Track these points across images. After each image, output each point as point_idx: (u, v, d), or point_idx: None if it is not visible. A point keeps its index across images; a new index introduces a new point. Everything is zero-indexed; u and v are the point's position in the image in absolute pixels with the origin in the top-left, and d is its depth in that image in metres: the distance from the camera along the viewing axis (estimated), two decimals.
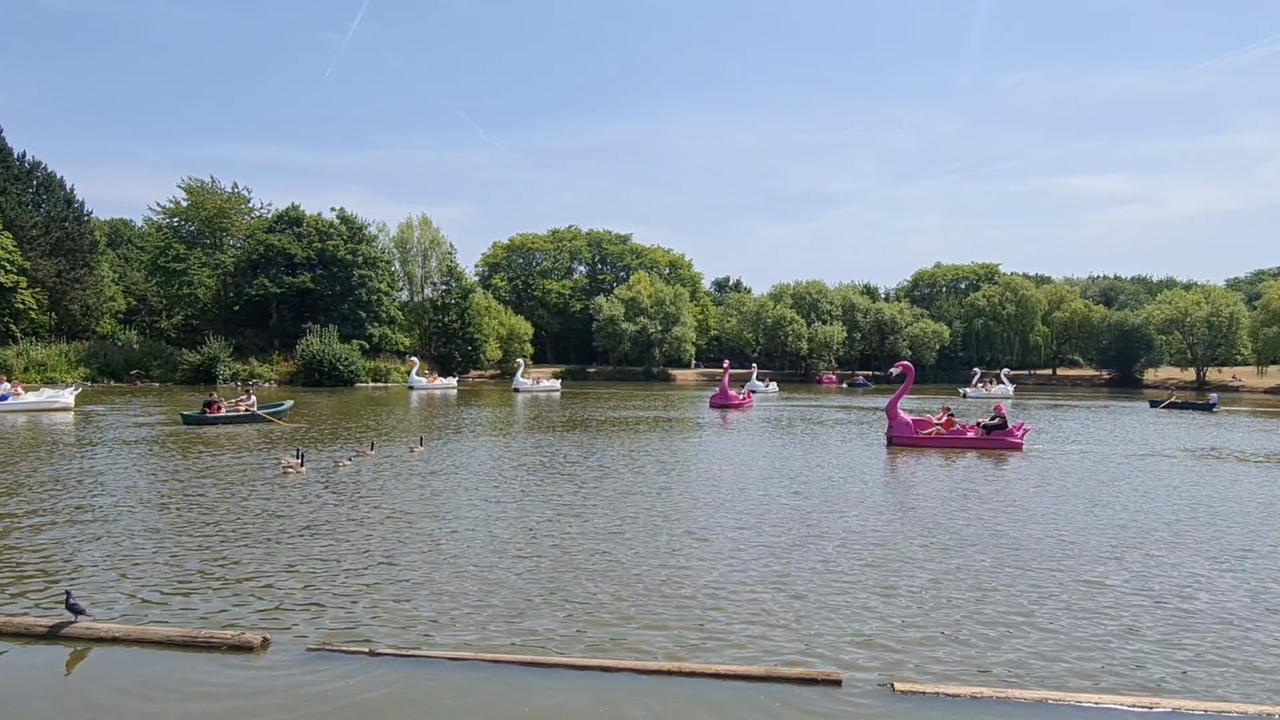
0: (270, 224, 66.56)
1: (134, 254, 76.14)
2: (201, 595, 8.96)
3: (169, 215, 67.09)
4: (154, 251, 66.76)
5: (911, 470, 19.96)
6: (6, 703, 6.43)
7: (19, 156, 60.77)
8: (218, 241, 66.80)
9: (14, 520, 12.33)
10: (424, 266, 79.18)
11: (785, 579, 9.92)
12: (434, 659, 7.23)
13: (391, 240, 77.21)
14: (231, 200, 67.86)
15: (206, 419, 27.91)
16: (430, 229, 79.18)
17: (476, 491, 15.64)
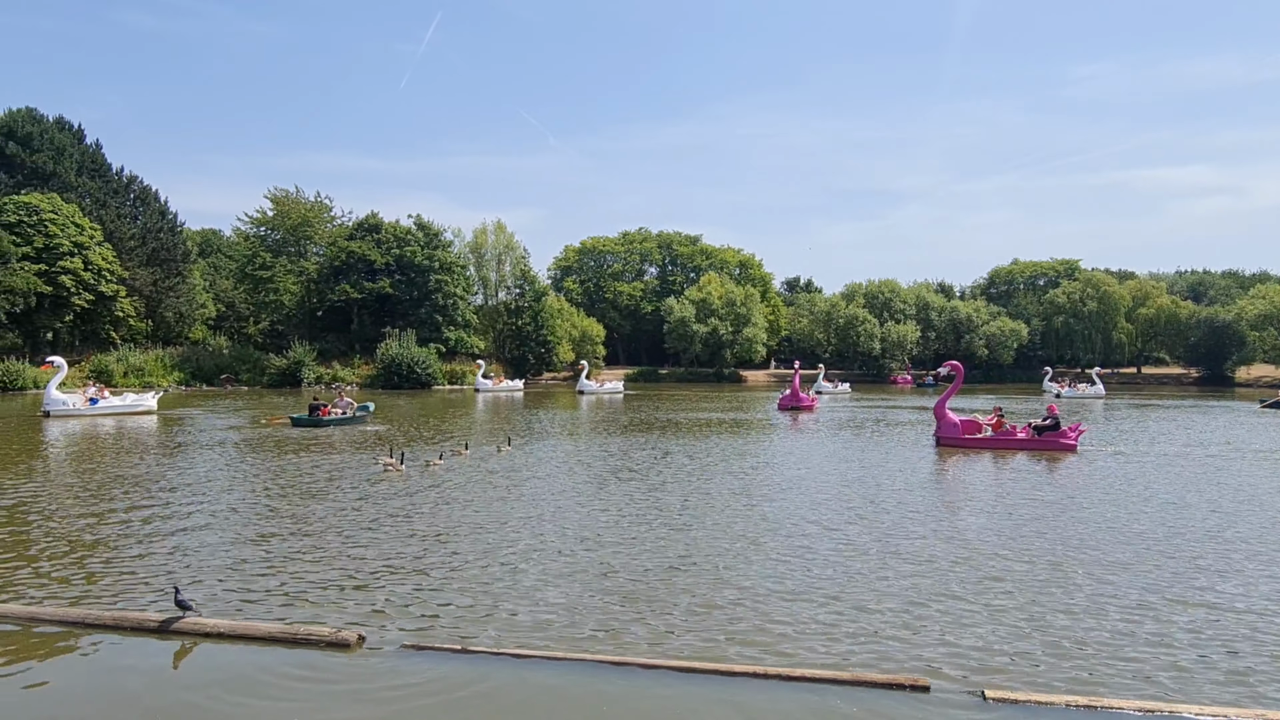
0: (351, 231, 68.58)
1: (223, 262, 79.24)
2: (302, 592, 9.32)
3: (256, 225, 69.88)
4: (242, 260, 69.59)
5: (965, 473, 19.65)
6: (119, 694, 6.78)
7: (117, 171, 63.96)
8: (302, 249, 69.25)
9: (124, 518, 13.00)
10: (498, 271, 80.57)
11: (863, 583, 9.86)
12: (524, 657, 7.39)
13: (466, 245, 78.79)
14: (314, 209, 70.28)
15: (315, 421, 28.96)
16: (504, 234, 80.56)
17: (558, 492, 15.95)
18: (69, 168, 59.24)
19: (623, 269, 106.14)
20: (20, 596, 8.91)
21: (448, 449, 21.94)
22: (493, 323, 77.94)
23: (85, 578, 9.68)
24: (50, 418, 31.15)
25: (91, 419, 31.61)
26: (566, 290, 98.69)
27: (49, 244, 51.95)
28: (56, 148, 59.46)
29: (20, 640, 7.72)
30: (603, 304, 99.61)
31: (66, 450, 21.97)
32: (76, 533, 11.95)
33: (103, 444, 23.48)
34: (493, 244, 79.97)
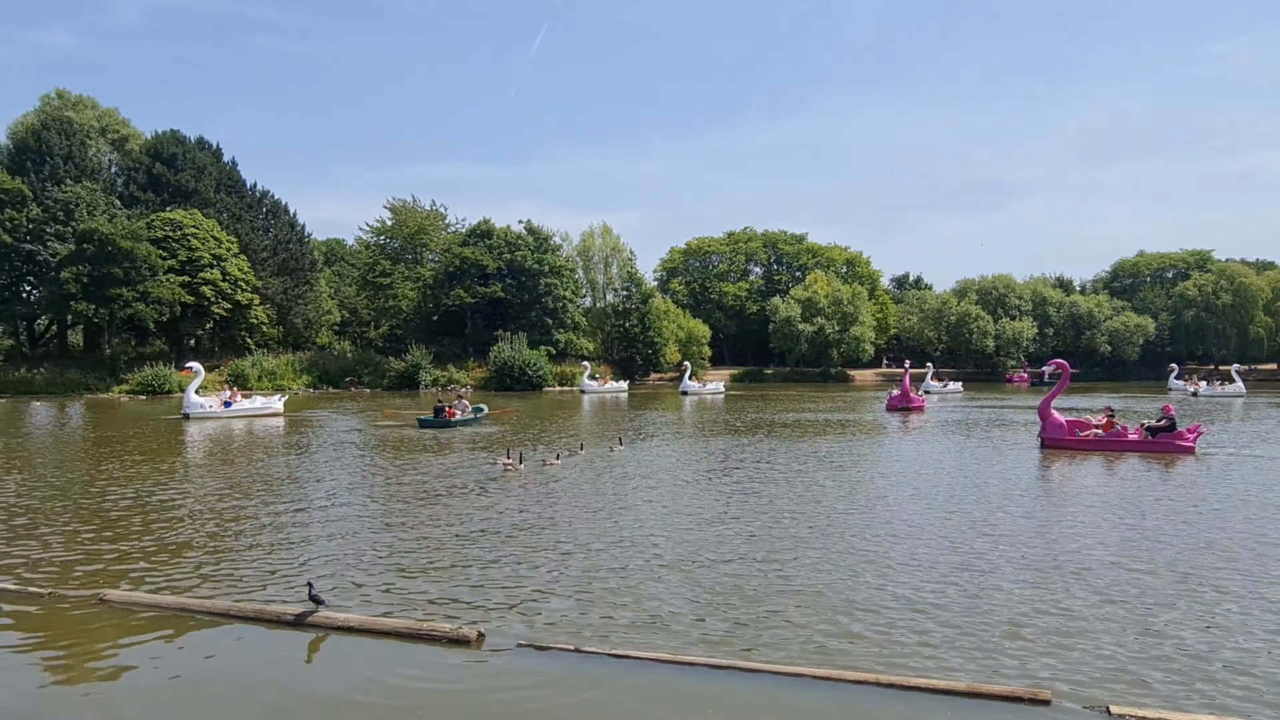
0: (464, 238, 71.04)
1: (346, 270, 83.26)
2: (425, 588, 9.76)
3: (376, 234, 73.30)
4: (363, 268, 73.12)
5: (1073, 476, 18.88)
6: (259, 682, 7.27)
7: (251, 187, 68.19)
8: (418, 256, 72.24)
9: (260, 515, 13.89)
10: (605, 273, 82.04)
11: (973, 592, 9.64)
12: (638, 659, 7.52)
13: (575, 249, 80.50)
14: (430, 217, 73.17)
15: (443, 422, 30.30)
16: (610, 236, 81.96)
17: (669, 493, 16.21)
18: (209, 185, 63.52)
19: (728, 269, 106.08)
20: (168, 587, 9.69)
21: (564, 449, 22.55)
22: (601, 325, 79.31)
23: (227, 571, 10.44)
24: (190, 420, 33.42)
25: (226, 420, 33.76)
26: (672, 291, 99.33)
27: (191, 257, 55.88)
28: (198, 167, 63.84)
29: (171, 628, 8.38)
30: (708, 304, 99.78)
31: (204, 450, 23.65)
32: (217, 528, 12.89)
33: (236, 444, 25.18)
34: (600, 247, 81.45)
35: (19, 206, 54.96)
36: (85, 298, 51.33)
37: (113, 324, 54.60)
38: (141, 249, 52.22)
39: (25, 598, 9.15)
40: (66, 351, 62.07)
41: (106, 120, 74.09)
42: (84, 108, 73.17)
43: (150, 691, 6.99)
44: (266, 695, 6.95)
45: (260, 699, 6.89)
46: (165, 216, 56.80)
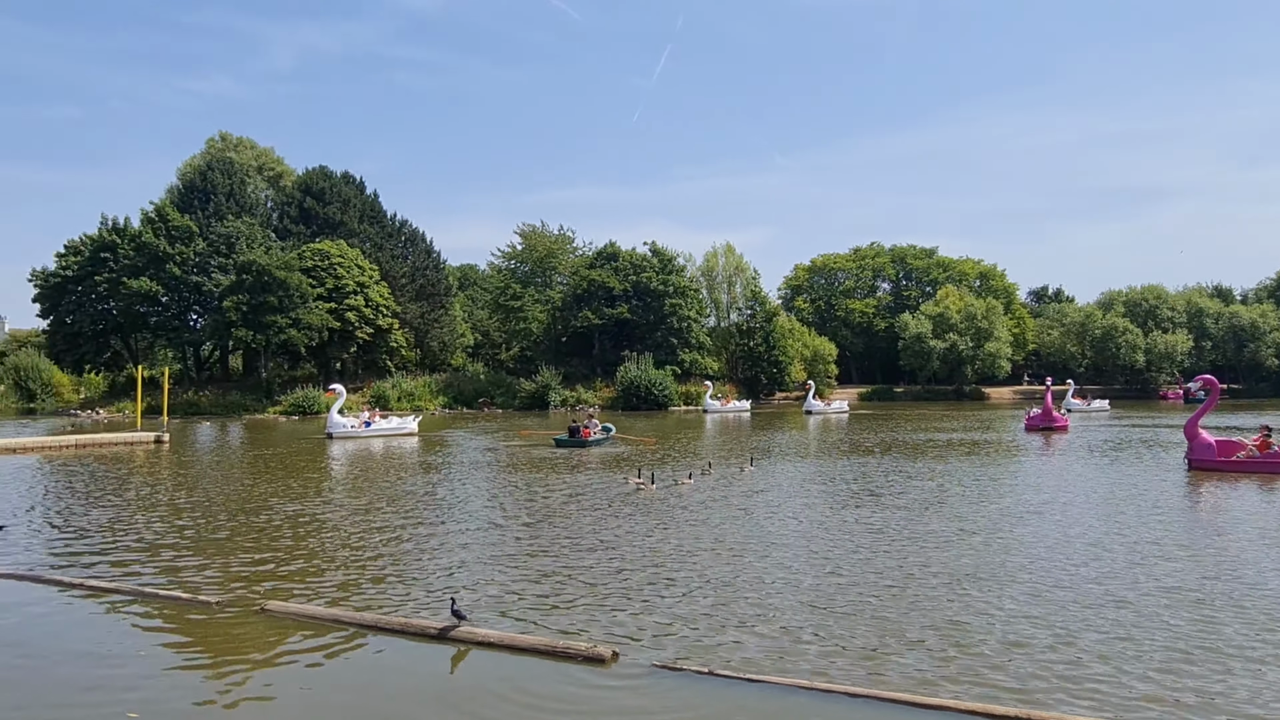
0: (591, 260, 72.72)
1: (479, 294, 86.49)
2: (560, 605, 9.98)
3: (507, 258, 76.08)
4: (495, 291, 75.90)
5: (1224, 501, 17.79)
6: (407, 692, 7.58)
7: (391, 217, 71.99)
8: (547, 279, 74.43)
9: (403, 530, 14.53)
10: (729, 292, 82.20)
11: (1120, 628, 9.08)
12: (774, 685, 7.47)
13: (698, 269, 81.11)
14: (558, 241, 75.37)
15: (579, 442, 30.94)
16: (734, 255, 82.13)
17: (800, 514, 16.06)
18: (353, 216, 67.49)
19: (854, 285, 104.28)
20: (319, 598, 10.29)
21: (694, 469, 22.64)
22: (725, 344, 79.43)
23: (372, 584, 11.00)
24: (333, 439, 35.17)
25: (365, 440, 35.32)
26: (797, 309, 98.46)
27: (337, 285, 59.41)
28: (343, 199, 67.95)
29: (323, 638, 8.88)
30: (834, 322, 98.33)
31: (347, 468, 25.01)
32: (362, 543, 13.57)
33: (376, 463, 26.47)
34: (723, 266, 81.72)
35: (187, 241, 59.94)
36: (244, 325, 55.33)
37: (268, 349, 58.55)
38: (294, 278, 55.90)
39: (196, 606, 10.08)
40: (228, 375, 67.04)
41: (263, 159, 79.95)
42: (244, 148, 79.22)
43: (301, 698, 7.46)
44: (407, 707, 7.26)
45: (401, 710, 7.20)
46: (315, 247, 60.63)
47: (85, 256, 60.03)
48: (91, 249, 60.05)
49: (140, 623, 9.44)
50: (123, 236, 59.86)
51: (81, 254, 60.39)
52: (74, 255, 60.69)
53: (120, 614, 9.74)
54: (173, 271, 58.41)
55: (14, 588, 10.84)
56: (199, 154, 77.89)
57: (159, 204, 62.85)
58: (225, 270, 58.30)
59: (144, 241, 59.01)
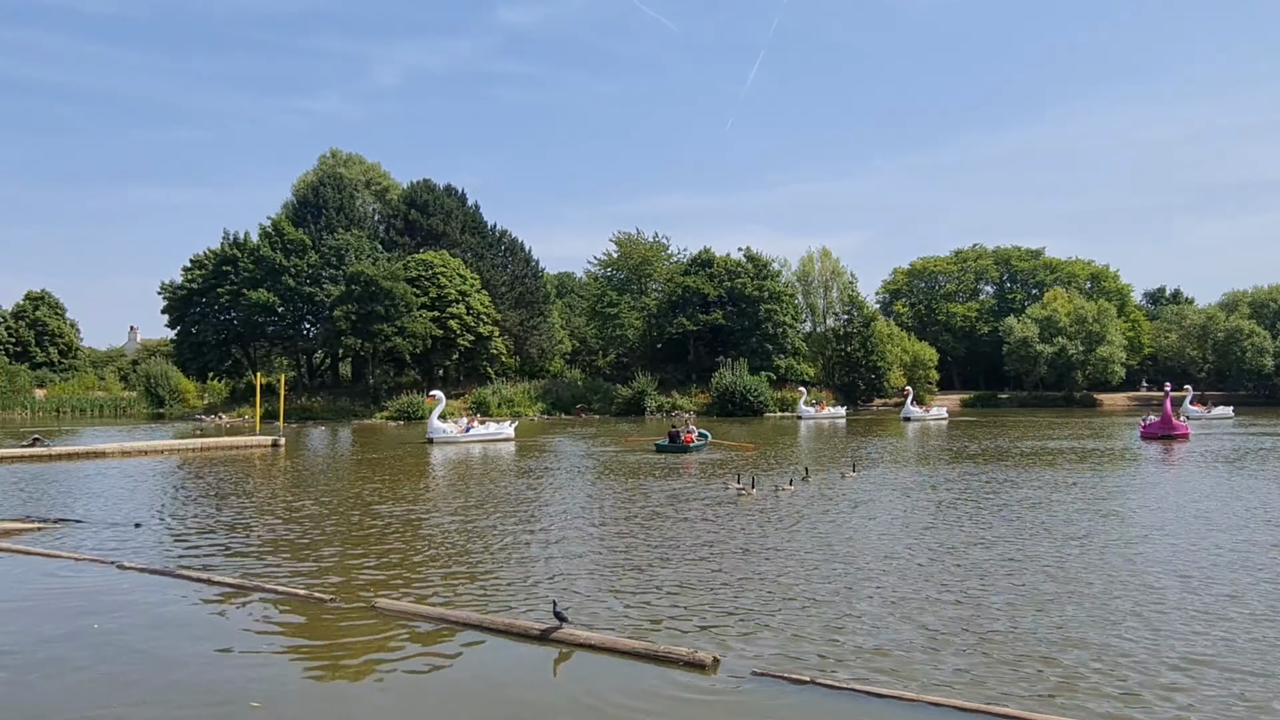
0: (686, 267, 73.00)
1: (576, 302, 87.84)
2: (660, 609, 10.03)
3: (603, 266, 77.13)
4: (592, 299, 77.04)
5: None
6: (509, 691, 7.74)
7: (491, 227, 73.94)
8: (643, 286, 75.08)
9: (505, 532, 14.85)
10: (825, 297, 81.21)
11: (1243, 653, 8.53)
12: (877, 695, 7.35)
13: (794, 274, 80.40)
14: (653, 249, 75.93)
15: (681, 447, 31.24)
16: (830, 260, 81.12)
17: (904, 523, 15.76)
18: (455, 227, 69.56)
19: (956, 289, 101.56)
20: (425, 596, 10.60)
21: (795, 475, 22.50)
22: (822, 349, 78.50)
23: (476, 584, 11.29)
24: (433, 444, 35.90)
25: (465, 445, 36.04)
26: (896, 314, 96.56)
27: (440, 294, 61.28)
28: (446, 211, 70.11)
29: (430, 636, 9.17)
30: (935, 326, 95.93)
31: (448, 472, 25.68)
32: (465, 544, 13.93)
33: (476, 467, 27.09)
34: (819, 271, 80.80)
35: (301, 254, 62.84)
36: (353, 333, 57.65)
37: (375, 356, 60.82)
38: (399, 288, 57.95)
39: (311, 602, 10.67)
40: (338, 381, 69.92)
41: (371, 174, 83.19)
42: (353, 164, 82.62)
43: (409, 692, 7.71)
44: (507, 707, 7.40)
45: (503, 710, 7.35)
46: (419, 258, 62.73)
47: (209, 270, 63.67)
48: (214, 263, 63.65)
49: (261, 616, 9.99)
50: (242, 250, 63.25)
51: (205, 268, 64.06)
52: (199, 269, 64.45)
53: (242, 608, 10.31)
54: (287, 283, 61.36)
55: (148, 580, 11.64)
56: (312, 170, 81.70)
57: (275, 219, 66.21)
58: (335, 281, 60.89)
59: (262, 255, 62.21)
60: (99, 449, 30.79)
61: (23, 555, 13.14)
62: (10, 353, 77.76)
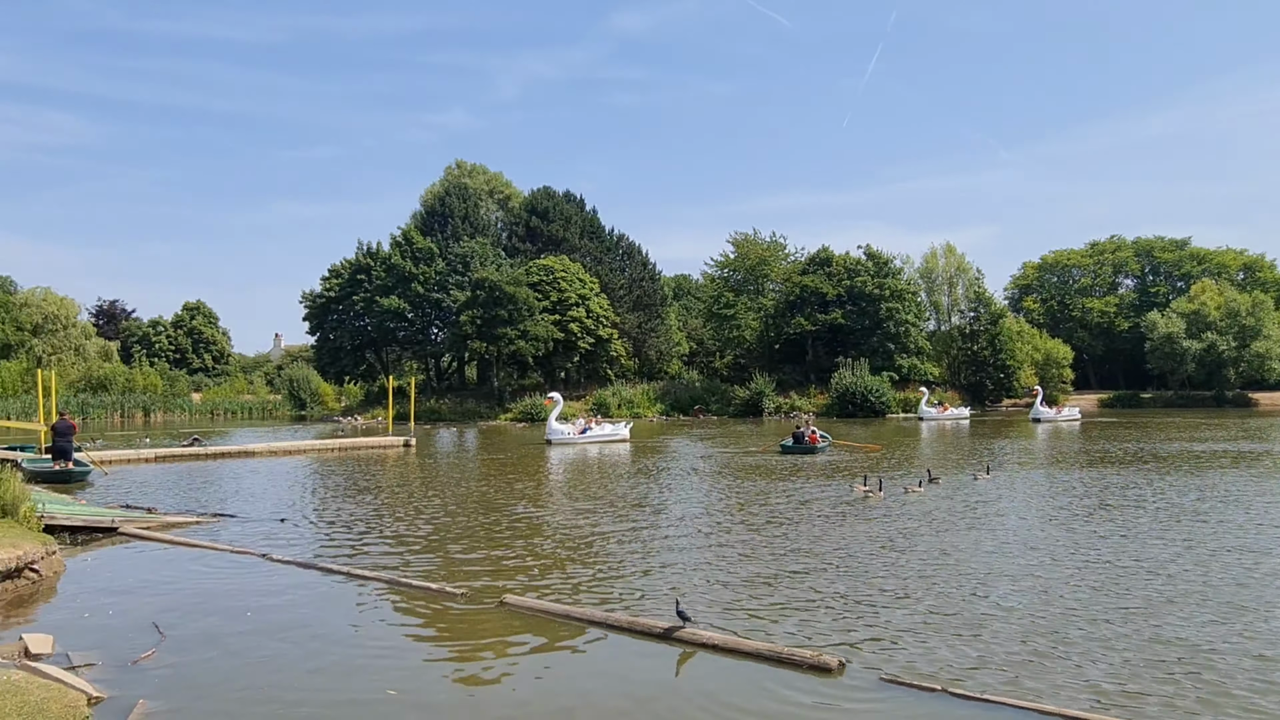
0: (804, 266, 72.09)
1: (693, 304, 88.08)
2: (782, 610, 9.96)
3: (720, 267, 76.98)
4: (709, 301, 77.07)
5: None
6: (632, 689, 7.82)
7: (609, 232, 75.04)
8: (760, 287, 74.55)
9: (626, 532, 15.05)
10: (950, 295, 78.63)
11: None
12: (1009, 706, 7.07)
13: (916, 271, 78.19)
14: (770, 248, 75.32)
15: (806, 449, 30.97)
16: (954, 256, 78.49)
17: (1040, 530, 15.10)
18: (574, 233, 70.96)
19: (1092, 283, 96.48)
20: (549, 593, 10.83)
21: (923, 477, 21.99)
22: (947, 348, 76.12)
23: (598, 582, 11.46)
24: (552, 445, 36.49)
25: (582, 446, 36.60)
26: (1026, 310, 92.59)
27: (561, 298, 62.64)
28: (565, 217, 71.59)
29: (553, 631, 9.40)
30: (1069, 323, 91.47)
31: (568, 472, 26.16)
32: (588, 542, 14.17)
33: (595, 467, 27.48)
34: (943, 267, 78.33)
35: (429, 262, 65.41)
36: (478, 337, 59.59)
37: (499, 359, 62.66)
38: (522, 293, 59.54)
39: (443, 596, 11.14)
40: (464, 384, 72.36)
41: (494, 183, 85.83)
42: (477, 174, 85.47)
43: (536, 686, 7.91)
44: (631, 703, 7.48)
45: (627, 706, 7.42)
46: (540, 263, 64.29)
47: (345, 279, 67.08)
48: (350, 272, 67.00)
49: (396, 609, 10.48)
50: (375, 260, 66.34)
51: (341, 277, 67.52)
52: (335, 278, 67.97)
53: (379, 600, 10.86)
54: (416, 290, 64.00)
55: (294, 572, 12.40)
56: (438, 181, 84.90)
57: (405, 229, 69.29)
58: (461, 287, 63.11)
59: (393, 263, 65.10)
60: (248, 449, 32.92)
61: (185, 546, 14.25)
62: (170, 359, 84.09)
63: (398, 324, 66.05)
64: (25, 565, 11.35)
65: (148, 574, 12.33)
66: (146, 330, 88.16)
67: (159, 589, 11.39)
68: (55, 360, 71.88)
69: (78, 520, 15.26)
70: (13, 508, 13.50)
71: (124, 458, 28.95)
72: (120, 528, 15.21)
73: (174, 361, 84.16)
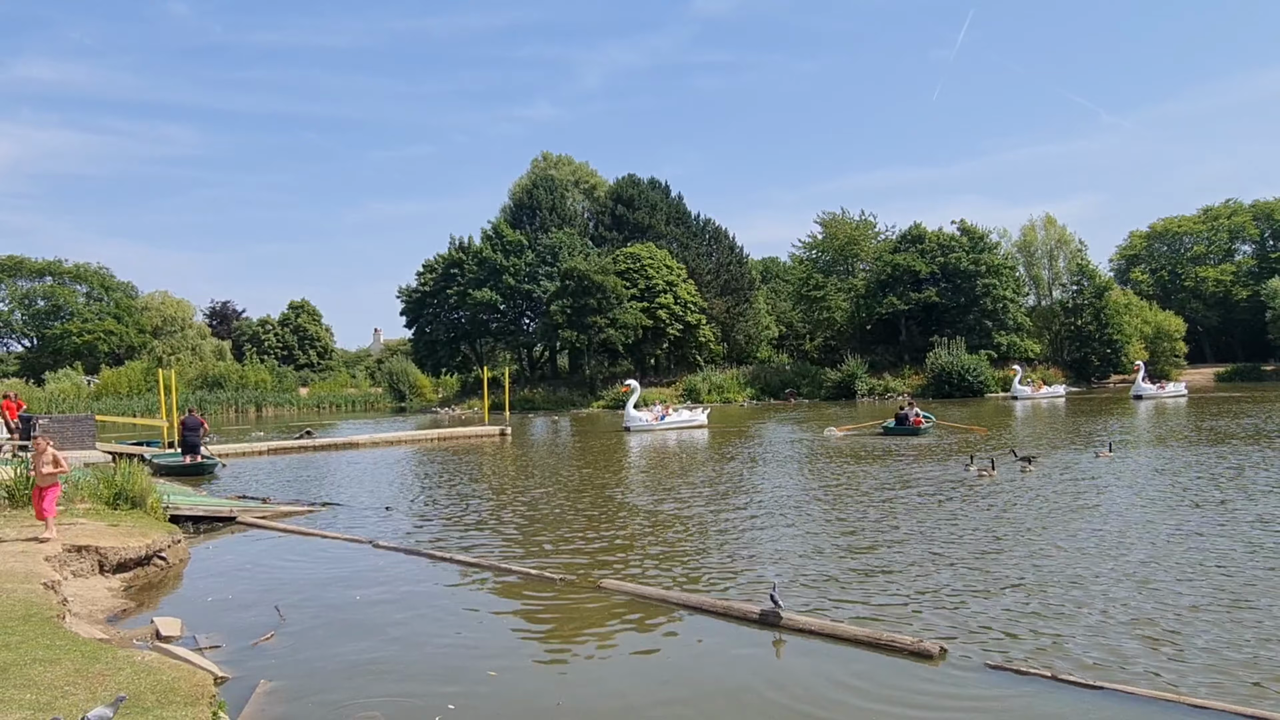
0: (895, 245, 70.42)
1: (781, 287, 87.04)
2: (886, 595, 9.89)
3: (808, 249, 75.86)
4: (797, 283, 75.99)
5: None
6: (728, 673, 7.84)
7: (695, 217, 74.80)
8: (849, 267, 73.18)
9: (715, 516, 15.05)
10: (1050, 268, 75.56)
11: None
12: (1121, 693, 6.87)
13: (1014, 245, 75.44)
14: (860, 227, 73.78)
15: (911, 430, 30.52)
16: (1055, 227, 75.35)
17: (1155, 514, 14.48)
18: (660, 220, 71.00)
19: (1206, 251, 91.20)
20: (643, 577, 10.96)
21: (1036, 455, 21.55)
22: (1048, 324, 73.35)
23: (691, 566, 11.53)
24: (630, 432, 36.67)
25: (660, 433, 36.46)
26: (1134, 282, 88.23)
27: (649, 285, 62.82)
28: (651, 204, 71.69)
29: (650, 615, 9.53)
30: (1181, 294, 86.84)
31: (651, 458, 26.21)
32: (681, 527, 14.24)
33: (678, 453, 27.50)
34: (1042, 240, 75.31)
35: (519, 254, 66.51)
36: (569, 326, 60.34)
37: (590, 348, 63.30)
38: (610, 281, 59.98)
39: (542, 581, 11.39)
40: (556, 373, 73.41)
41: (579, 173, 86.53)
42: (563, 165, 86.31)
43: (633, 669, 8.04)
44: (728, 687, 7.49)
45: (722, 690, 7.45)
46: (627, 251, 64.58)
47: (439, 273, 68.85)
48: (443, 266, 68.73)
49: (496, 593, 10.79)
50: (467, 254, 67.85)
51: (435, 271, 69.31)
52: (430, 273, 69.84)
53: (480, 584, 11.19)
54: (508, 282, 65.22)
55: (399, 559, 12.90)
56: (525, 174, 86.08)
57: (495, 222, 70.53)
58: (551, 278, 64.00)
59: (484, 256, 66.46)
60: (353, 440, 34.22)
61: (297, 535, 14.97)
62: (278, 356, 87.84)
63: (490, 316, 67.45)
64: (154, 553, 12.14)
65: (265, 560, 13.01)
66: (256, 329, 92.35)
67: (276, 575, 12.01)
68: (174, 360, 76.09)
69: (199, 510, 16.20)
70: (140, 499, 14.45)
71: (239, 451, 30.48)
72: (238, 517, 16.09)
73: (282, 358, 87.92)
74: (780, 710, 7.01)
